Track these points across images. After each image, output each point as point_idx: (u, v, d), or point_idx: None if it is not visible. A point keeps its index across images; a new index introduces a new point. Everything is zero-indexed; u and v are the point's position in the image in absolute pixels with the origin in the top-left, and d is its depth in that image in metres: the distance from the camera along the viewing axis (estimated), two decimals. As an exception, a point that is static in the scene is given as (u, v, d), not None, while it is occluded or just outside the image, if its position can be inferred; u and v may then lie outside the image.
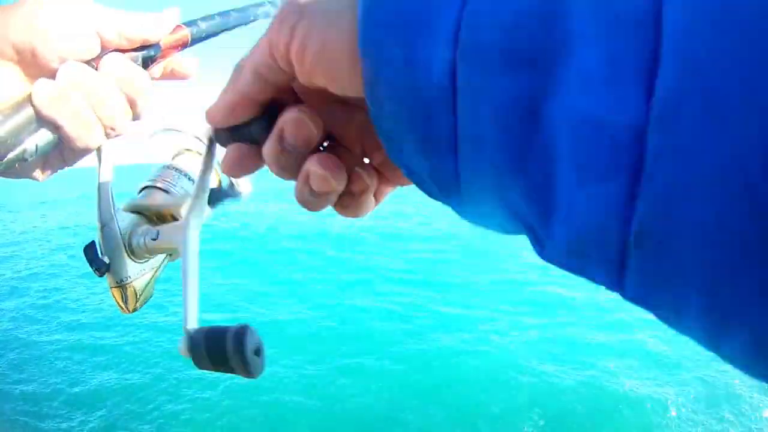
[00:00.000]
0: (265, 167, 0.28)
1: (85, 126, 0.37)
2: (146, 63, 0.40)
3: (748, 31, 0.13)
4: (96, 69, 0.38)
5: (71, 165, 0.41)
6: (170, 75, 0.44)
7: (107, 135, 0.39)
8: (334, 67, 0.22)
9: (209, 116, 0.27)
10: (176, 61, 0.43)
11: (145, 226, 0.40)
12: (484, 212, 0.22)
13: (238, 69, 0.26)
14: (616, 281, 0.18)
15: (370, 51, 0.21)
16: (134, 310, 0.41)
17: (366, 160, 0.29)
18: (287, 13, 0.23)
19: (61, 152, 0.39)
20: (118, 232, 0.39)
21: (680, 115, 0.14)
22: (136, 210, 0.41)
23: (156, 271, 0.42)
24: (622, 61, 0.15)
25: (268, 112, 0.26)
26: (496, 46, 0.17)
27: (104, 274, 0.39)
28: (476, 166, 0.20)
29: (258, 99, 0.26)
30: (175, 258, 0.42)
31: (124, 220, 0.40)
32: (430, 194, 0.24)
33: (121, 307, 0.40)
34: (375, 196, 0.30)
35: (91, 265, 0.38)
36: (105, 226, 0.39)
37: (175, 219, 0.41)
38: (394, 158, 0.23)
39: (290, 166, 0.26)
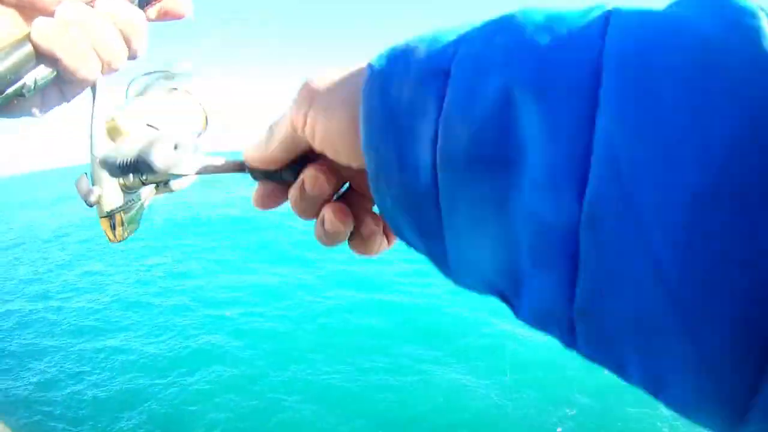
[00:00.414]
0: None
1: (83, 58, 0.38)
2: (142, 4, 0.41)
3: (669, 144, 0.16)
4: (93, 8, 0.39)
5: (69, 101, 0.42)
6: (165, 15, 0.45)
7: (103, 70, 0.40)
8: (336, 149, 0.27)
9: (247, 158, 0.32)
10: (171, 2, 0.44)
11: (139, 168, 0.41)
12: (469, 283, 0.26)
13: (270, 132, 0.30)
14: (571, 342, 0.21)
15: (371, 153, 0.25)
16: (121, 239, 0.42)
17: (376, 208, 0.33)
18: (302, 99, 0.27)
19: (59, 88, 0.41)
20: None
21: (605, 215, 0.17)
22: None
23: (144, 203, 0.43)
24: (562, 167, 0.18)
25: (298, 161, 0.31)
26: (464, 154, 0.21)
27: (94, 204, 0.40)
28: (459, 251, 0.24)
29: (287, 159, 0.31)
30: (162, 191, 0.42)
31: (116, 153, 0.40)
32: (429, 260, 0.28)
33: (109, 237, 0.41)
34: (387, 238, 0.34)
35: (83, 196, 0.39)
36: (97, 158, 0.40)
37: None
38: (397, 234, 0.28)
39: (310, 210, 0.31)
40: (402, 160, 0.23)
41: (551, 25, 0.20)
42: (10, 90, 0.36)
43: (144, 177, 0.40)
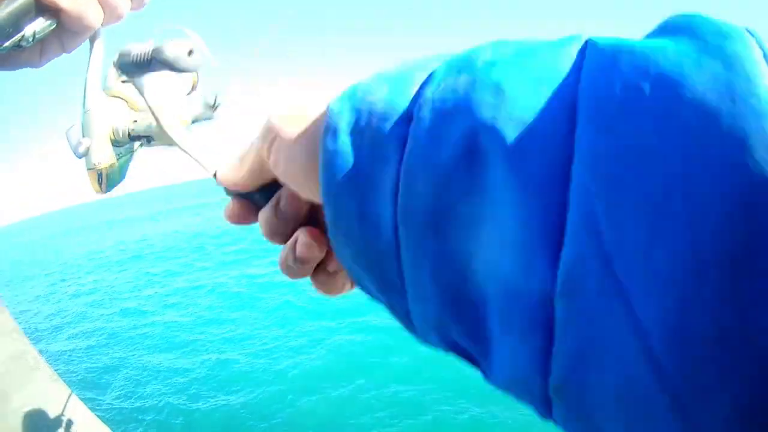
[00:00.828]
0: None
1: (86, 7, 0.38)
2: None
3: (654, 203, 0.14)
4: None
5: (69, 52, 0.42)
6: None
7: (106, 19, 0.40)
8: (299, 188, 0.26)
9: (220, 178, 0.32)
10: None
11: (127, 112, 0.41)
12: (434, 342, 0.23)
13: (240, 160, 0.30)
14: (546, 415, 0.19)
15: (329, 201, 0.23)
16: (107, 191, 0.42)
17: None
18: (264, 136, 0.27)
19: (60, 39, 0.41)
20: (101, 117, 0.39)
21: (583, 282, 0.15)
22: (120, 96, 0.42)
23: (131, 155, 0.42)
24: (533, 227, 0.16)
25: (269, 185, 0.30)
26: (427, 209, 0.19)
27: (83, 155, 0.39)
28: (421, 309, 0.22)
29: (257, 184, 0.30)
30: (153, 145, 0.41)
31: (107, 106, 0.40)
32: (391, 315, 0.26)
33: (95, 189, 0.41)
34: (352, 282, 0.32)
35: (72, 148, 0.39)
36: (89, 111, 0.39)
37: None
38: (358, 285, 0.26)
39: (280, 231, 0.30)
40: (362, 210, 0.22)
41: (522, 62, 0.18)
42: (8, 43, 0.36)
43: (132, 130, 0.39)
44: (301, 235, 0.28)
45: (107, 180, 0.40)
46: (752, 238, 0.13)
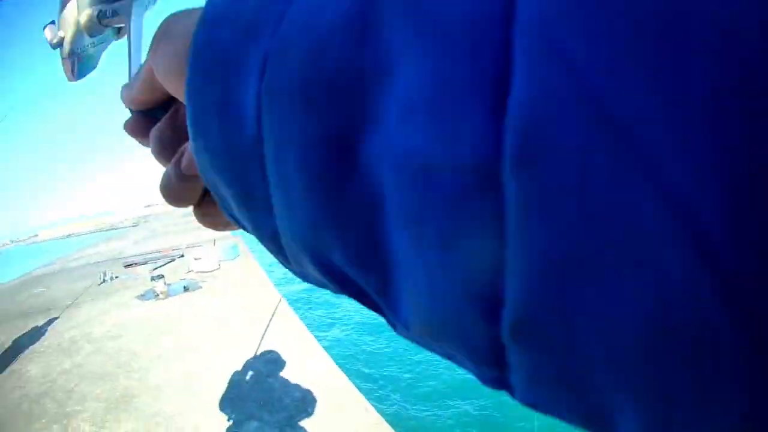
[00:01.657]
0: None
1: None
2: None
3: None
4: None
5: None
6: None
7: None
8: (175, 90, 0.22)
9: (121, 96, 0.27)
10: None
11: (101, 5, 0.41)
12: (317, 278, 0.18)
13: (137, 72, 0.25)
14: (498, 378, 0.13)
15: (191, 98, 0.18)
16: (78, 78, 0.44)
17: None
18: (157, 33, 0.22)
19: None
20: (73, 9, 0.40)
21: (555, 139, 0.09)
22: None
23: (104, 45, 0.43)
24: (454, 76, 0.10)
25: (168, 104, 0.26)
26: (297, 79, 0.14)
27: (57, 46, 0.41)
28: (292, 226, 0.16)
29: (154, 99, 0.25)
30: (122, 35, 0.42)
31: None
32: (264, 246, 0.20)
33: (68, 77, 0.43)
34: None
35: (48, 41, 0.41)
36: (65, 3, 0.40)
37: None
38: (225, 212, 0.21)
39: (171, 144, 0.24)
40: (224, 99, 0.17)
41: None
42: None
43: (105, 20, 0.40)
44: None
45: (78, 68, 0.42)
46: None
